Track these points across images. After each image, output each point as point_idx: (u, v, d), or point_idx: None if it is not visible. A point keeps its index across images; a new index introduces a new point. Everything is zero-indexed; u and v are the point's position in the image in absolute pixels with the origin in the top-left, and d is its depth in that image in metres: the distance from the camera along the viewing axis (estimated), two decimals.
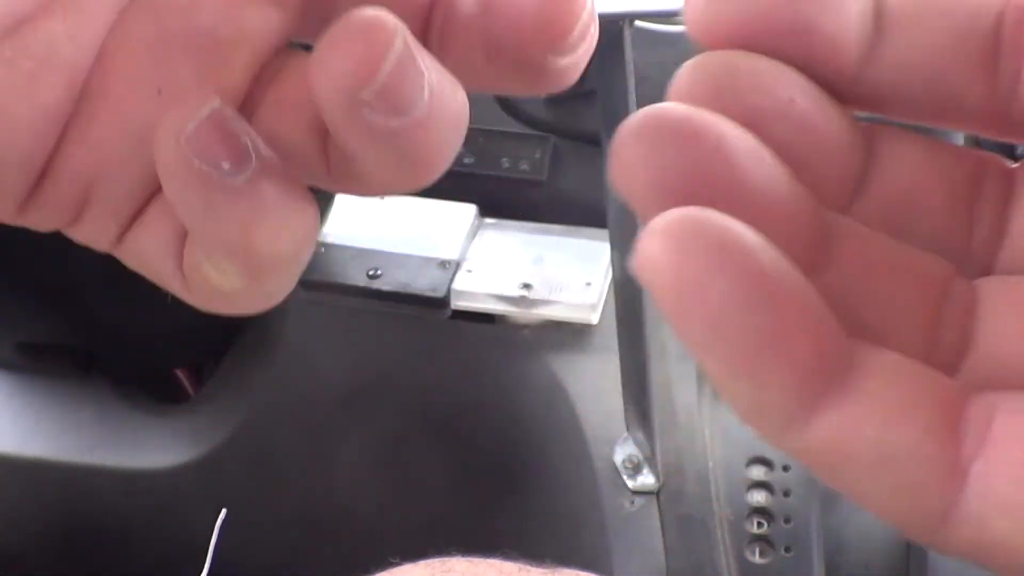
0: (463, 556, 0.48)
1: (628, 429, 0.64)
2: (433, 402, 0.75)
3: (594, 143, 0.76)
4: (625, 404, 0.63)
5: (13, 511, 0.80)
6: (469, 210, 0.73)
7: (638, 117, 0.14)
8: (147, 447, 0.78)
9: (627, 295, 0.59)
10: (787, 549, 0.59)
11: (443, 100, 0.17)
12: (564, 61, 0.17)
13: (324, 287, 0.71)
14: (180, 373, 0.87)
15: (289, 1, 0.18)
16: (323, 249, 0.72)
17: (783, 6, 0.15)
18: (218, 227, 0.17)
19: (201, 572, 0.69)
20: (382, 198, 0.18)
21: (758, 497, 0.62)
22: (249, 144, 0.16)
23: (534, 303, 0.68)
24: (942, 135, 0.19)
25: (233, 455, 0.77)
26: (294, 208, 0.17)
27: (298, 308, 0.72)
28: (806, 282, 0.13)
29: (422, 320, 0.71)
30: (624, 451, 0.64)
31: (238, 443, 0.77)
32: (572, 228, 0.76)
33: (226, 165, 0.16)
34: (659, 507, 0.61)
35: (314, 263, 0.69)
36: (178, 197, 0.16)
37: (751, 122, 0.14)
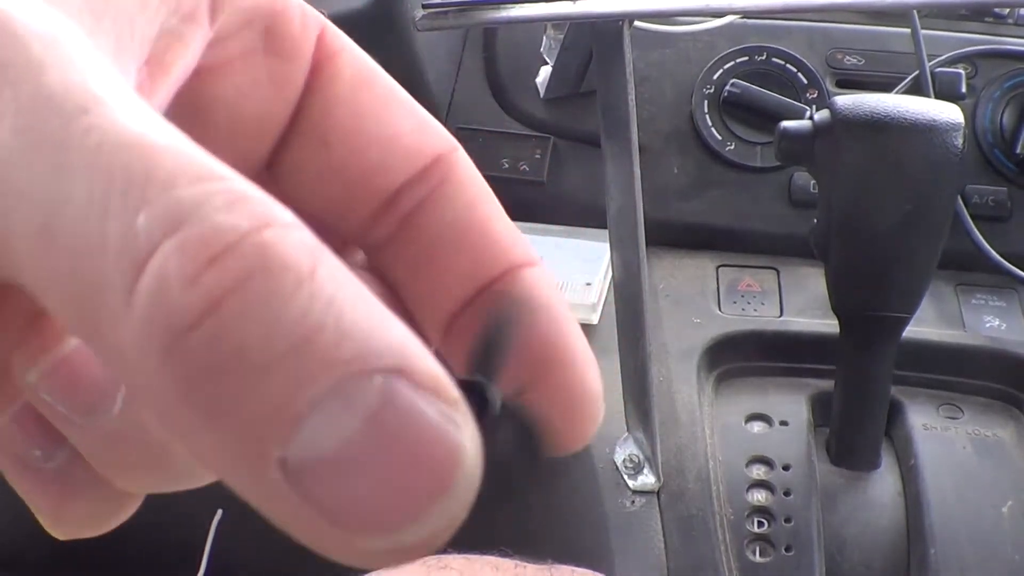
0: (460, 553, 0.49)
1: (628, 429, 0.64)
2: None
3: (594, 144, 0.76)
4: (625, 404, 0.63)
5: (13, 511, 0.80)
6: None
7: None
8: None
9: (627, 295, 0.59)
10: (787, 548, 0.59)
11: (149, 420, 0.16)
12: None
13: None
14: None
15: None
16: None
17: None
18: (32, 502, 0.18)
19: (200, 572, 0.69)
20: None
21: (758, 496, 0.62)
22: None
23: None
24: None
25: None
26: (105, 495, 0.18)
27: None
28: None
29: None
30: (624, 451, 0.64)
31: None
32: (572, 228, 0.76)
33: (37, 453, 0.17)
34: (659, 507, 0.61)
35: None
36: None
37: None
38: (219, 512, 0.72)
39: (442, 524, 0.12)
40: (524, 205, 0.74)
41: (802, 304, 0.72)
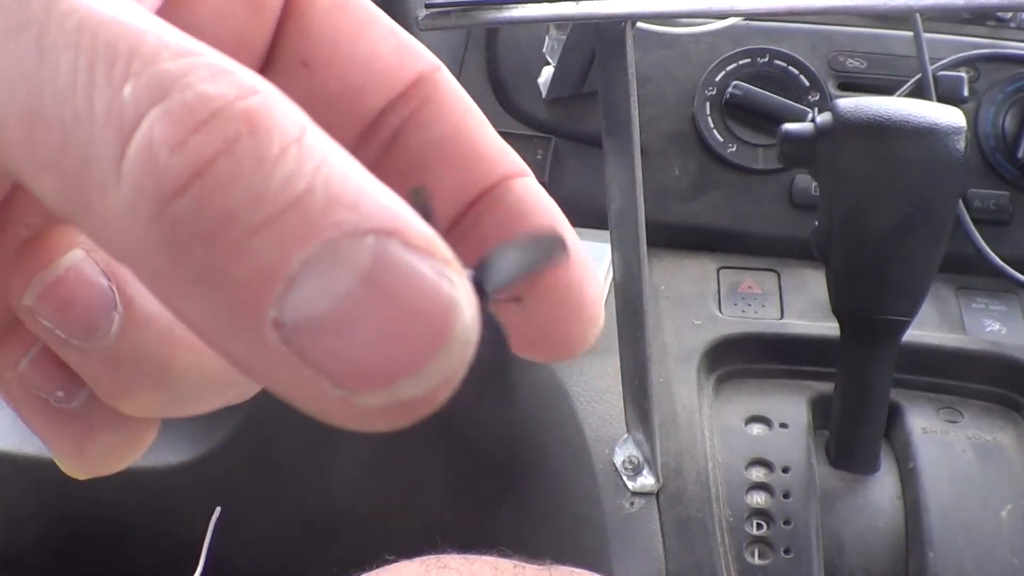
0: (459, 553, 0.49)
1: (628, 430, 0.64)
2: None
3: (595, 144, 0.76)
4: (625, 405, 0.63)
5: (13, 511, 0.80)
6: None
7: None
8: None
9: (627, 295, 0.59)
10: (786, 551, 0.59)
11: (148, 341, 0.17)
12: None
13: None
14: None
15: None
16: None
17: None
18: (54, 444, 0.18)
19: (199, 570, 0.69)
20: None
21: (758, 499, 0.62)
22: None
23: None
24: None
25: (233, 455, 0.77)
26: (124, 429, 0.18)
27: None
28: None
29: None
30: (624, 452, 0.64)
31: (238, 443, 0.77)
32: (573, 229, 0.76)
33: (60, 394, 0.17)
34: (659, 508, 0.61)
35: None
36: (16, 412, 0.18)
37: None
38: (217, 510, 0.72)
39: (440, 378, 0.12)
40: None
41: (803, 306, 0.72)
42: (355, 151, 0.19)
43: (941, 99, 0.74)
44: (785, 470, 0.62)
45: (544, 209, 0.19)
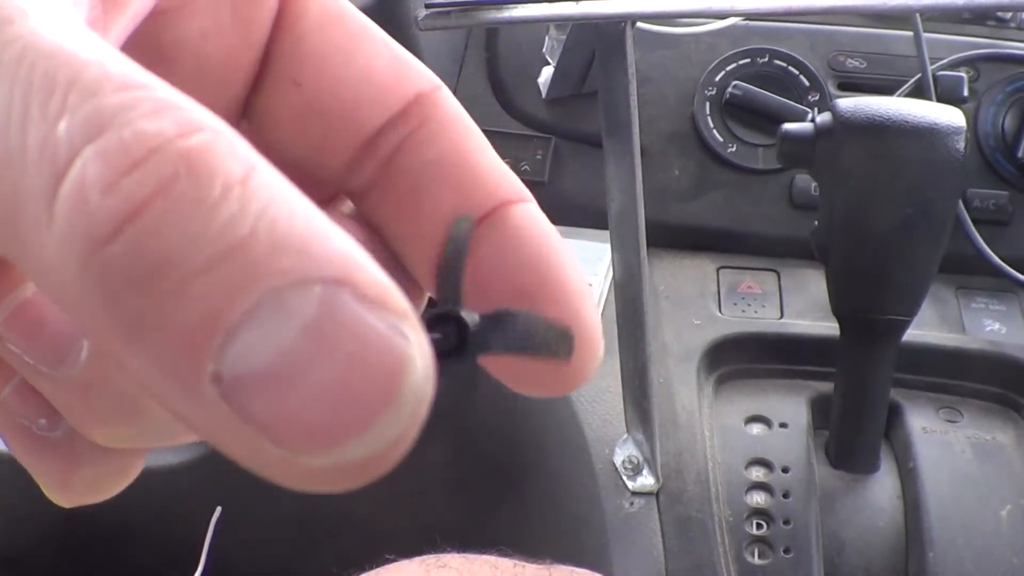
0: (459, 553, 0.49)
1: (628, 430, 0.64)
2: (432, 402, 0.75)
3: (595, 144, 0.76)
4: (625, 405, 0.63)
5: (13, 511, 0.80)
6: None
7: None
8: None
9: (627, 295, 0.59)
10: (786, 551, 0.59)
11: (117, 371, 0.16)
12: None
13: None
14: None
15: None
16: None
17: None
18: (38, 472, 0.17)
19: (199, 569, 0.69)
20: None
21: (757, 498, 0.62)
22: None
23: None
24: None
25: None
26: (109, 459, 0.18)
27: None
28: None
29: None
30: (624, 452, 0.64)
31: None
32: (573, 229, 0.76)
33: (43, 422, 0.17)
34: (659, 508, 0.61)
35: None
36: (1, 439, 0.18)
37: None
38: (218, 509, 0.72)
39: (387, 440, 0.12)
40: None
41: (802, 306, 0.72)
42: (351, 169, 0.18)
43: (941, 99, 0.74)
44: (785, 470, 0.62)
45: (544, 238, 0.18)
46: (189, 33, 0.17)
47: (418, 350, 0.12)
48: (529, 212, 0.18)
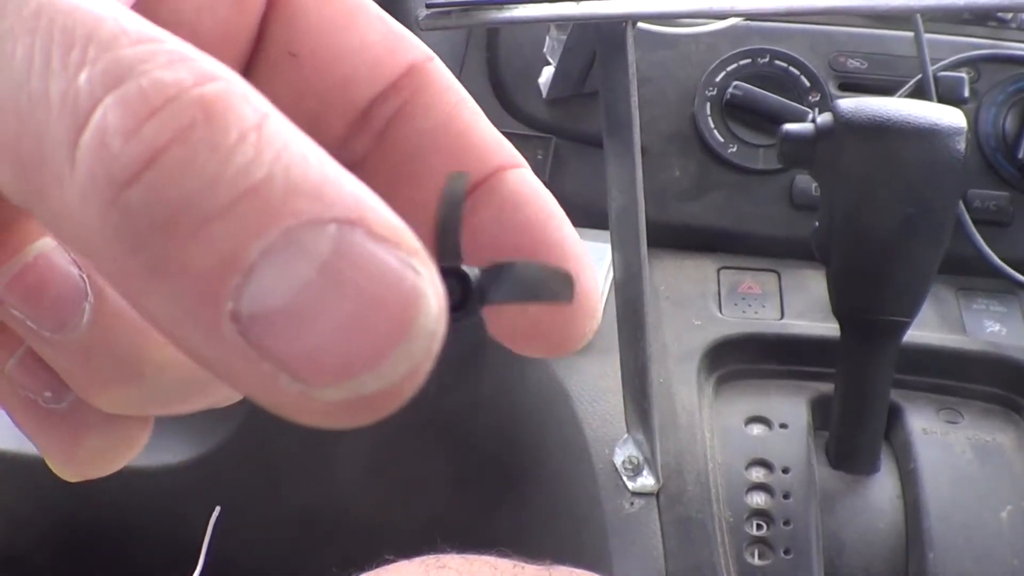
0: (458, 553, 0.49)
1: (628, 430, 0.64)
2: (433, 402, 0.75)
3: (596, 144, 0.76)
4: (625, 405, 0.63)
5: (13, 511, 0.80)
6: None
7: None
8: (147, 446, 0.78)
9: (627, 295, 0.59)
10: (786, 551, 0.59)
11: (120, 333, 0.16)
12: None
13: None
14: None
15: None
16: None
17: None
18: (43, 445, 0.18)
19: (198, 569, 0.69)
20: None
21: (758, 499, 0.62)
22: None
23: None
24: None
25: (233, 454, 0.77)
26: (114, 430, 0.18)
27: None
28: None
29: None
30: (624, 452, 0.64)
31: (238, 443, 0.77)
32: (570, 223, 0.76)
33: (48, 394, 0.17)
34: (659, 508, 0.61)
35: None
36: (6, 412, 0.18)
37: None
38: (217, 509, 0.72)
39: (402, 372, 0.12)
40: None
41: (803, 307, 0.72)
42: (347, 141, 0.18)
43: (941, 100, 0.74)
44: (785, 471, 0.62)
45: (540, 201, 0.18)
46: (184, 9, 0.17)
47: (431, 285, 0.12)
48: (524, 177, 0.18)
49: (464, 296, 0.15)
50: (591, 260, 0.18)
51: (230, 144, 0.12)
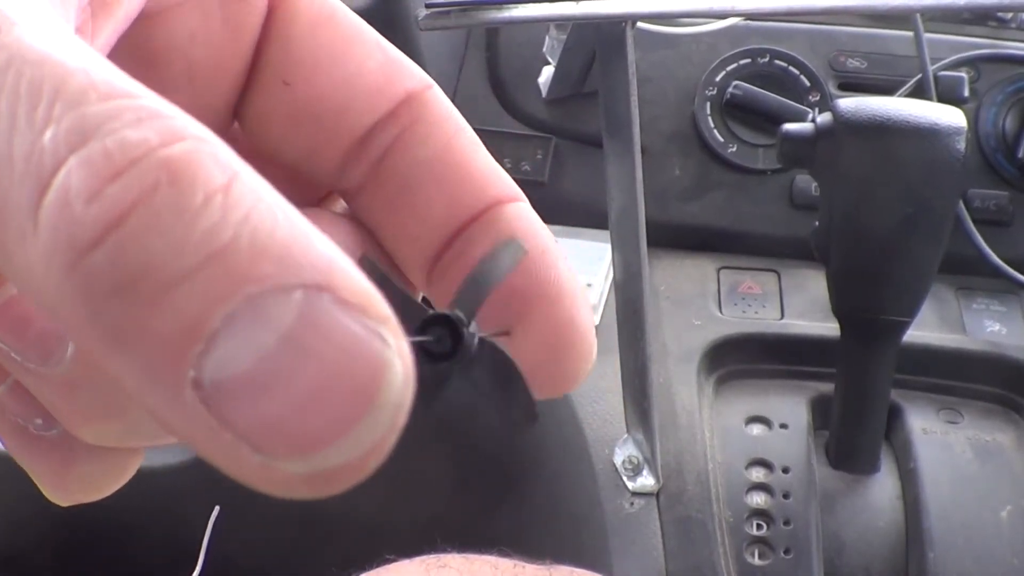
0: (459, 553, 0.49)
1: (628, 430, 0.64)
2: (433, 402, 0.75)
3: (595, 144, 0.76)
4: (625, 405, 0.63)
5: (13, 511, 0.80)
6: None
7: None
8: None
9: (627, 296, 0.59)
10: (786, 551, 0.59)
11: (103, 369, 0.16)
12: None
13: None
14: None
15: None
16: None
17: None
18: (34, 470, 0.18)
19: (197, 569, 0.69)
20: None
21: (758, 499, 0.62)
22: None
23: None
24: None
25: None
26: (105, 458, 0.18)
27: None
28: None
29: None
30: (624, 452, 0.64)
31: None
32: (573, 229, 0.76)
33: (39, 421, 0.17)
34: (659, 508, 0.61)
35: None
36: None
37: None
38: (216, 509, 0.72)
39: (365, 447, 0.12)
40: None
41: (803, 307, 0.72)
42: (343, 169, 0.18)
43: (941, 99, 0.73)
44: (785, 470, 0.62)
45: (538, 237, 0.18)
46: (178, 36, 0.17)
47: (398, 355, 0.12)
48: (522, 211, 0.18)
49: (455, 345, 0.15)
50: (587, 300, 0.18)
51: (195, 207, 0.11)
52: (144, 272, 0.11)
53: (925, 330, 0.68)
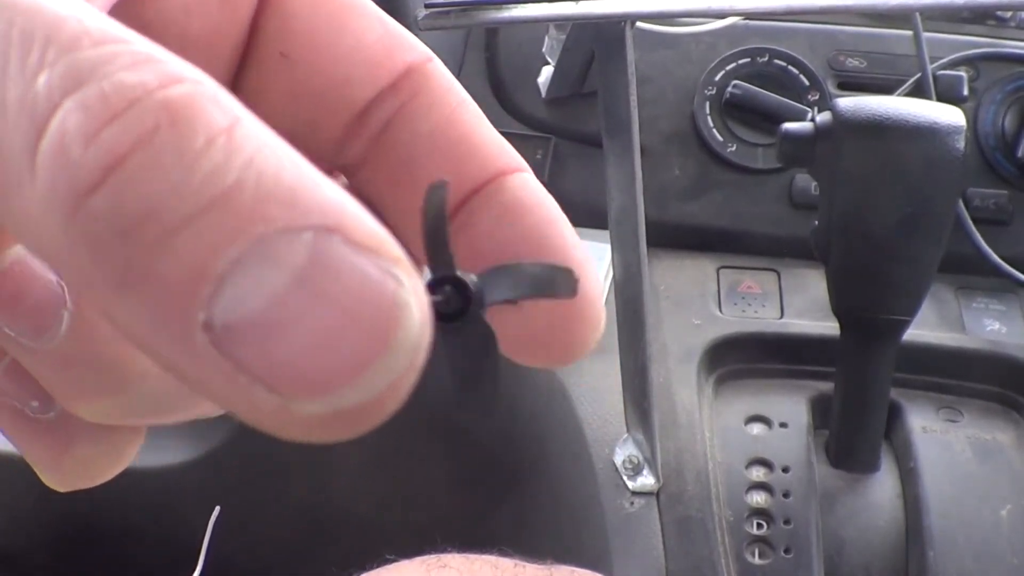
0: (459, 552, 0.49)
1: (628, 430, 0.64)
2: (433, 402, 0.75)
3: (595, 144, 0.76)
4: (625, 405, 0.63)
5: (13, 511, 0.80)
6: None
7: None
8: (147, 446, 0.78)
9: (627, 295, 0.59)
10: (786, 550, 0.59)
11: (100, 341, 0.16)
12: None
13: None
14: None
15: None
16: None
17: None
18: (31, 455, 0.17)
19: (197, 569, 0.69)
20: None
21: (758, 498, 0.62)
22: None
23: None
24: None
25: (233, 454, 0.77)
26: (103, 441, 0.17)
27: None
28: None
29: None
30: (624, 452, 0.64)
31: (238, 443, 0.77)
32: (572, 227, 0.76)
33: (35, 404, 0.17)
34: (659, 508, 0.61)
35: None
36: None
37: None
38: (216, 509, 0.72)
39: (384, 385, 0.11)
40: None
41: (802, 306, 0.72)
42: (343, 144, 0.18)
43: (941, 98, 0.74)
44: (785, 470, 0.62)
45: (542, 206, 0.18)
46: (172, 9, 0.17)
47: (414, 295, 0.12)
48: (525, 181, 0.18)
49: (464, 302, 0.15)
50: (595, 267, 0.18)
51: (196, 149, 0.11)
52: (147, 215, 0.11)
53: (925, 329, 0.69)
